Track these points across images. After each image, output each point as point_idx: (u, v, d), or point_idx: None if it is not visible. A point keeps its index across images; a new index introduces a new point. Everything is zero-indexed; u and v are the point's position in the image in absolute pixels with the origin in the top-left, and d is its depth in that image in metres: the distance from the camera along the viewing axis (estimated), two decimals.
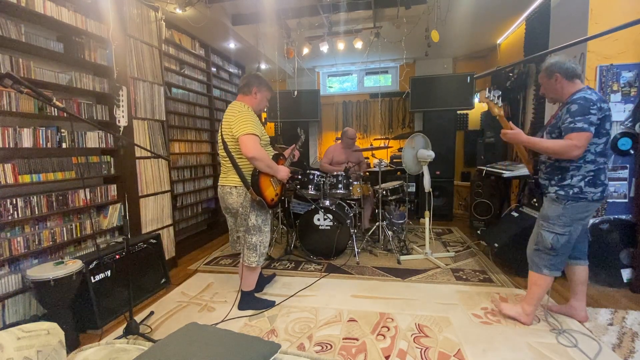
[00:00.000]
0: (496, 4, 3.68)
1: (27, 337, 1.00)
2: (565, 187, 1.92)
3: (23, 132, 2.14)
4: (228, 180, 2.26)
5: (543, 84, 2.04)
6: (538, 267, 2.06)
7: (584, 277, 2.14)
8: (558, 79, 1.94)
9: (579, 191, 1.88)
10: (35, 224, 2.27)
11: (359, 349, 1.92)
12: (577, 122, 1.79)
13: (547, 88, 2.03)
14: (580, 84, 1.95)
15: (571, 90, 1.94)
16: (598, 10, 2.65)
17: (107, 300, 2.32)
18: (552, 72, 1.95)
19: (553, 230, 1.96)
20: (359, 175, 3.90)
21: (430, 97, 4.89)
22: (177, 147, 3.89)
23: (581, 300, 2.16)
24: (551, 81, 1.97)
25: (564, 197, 1.91)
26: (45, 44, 2.35)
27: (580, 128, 1.78)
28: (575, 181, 1.89)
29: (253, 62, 5.37)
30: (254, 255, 2.29)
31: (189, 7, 3.28)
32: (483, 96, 2.12)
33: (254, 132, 2.11)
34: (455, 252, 3.53)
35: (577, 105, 1.82)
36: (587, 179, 1.87)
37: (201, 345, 1.10)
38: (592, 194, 1.87)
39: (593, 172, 1.87)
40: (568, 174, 1.91)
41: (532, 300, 2.11)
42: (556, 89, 1.98)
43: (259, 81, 2.31)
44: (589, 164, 1.87)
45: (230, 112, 2.21)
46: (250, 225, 2.25)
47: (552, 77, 1.96)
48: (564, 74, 1.93)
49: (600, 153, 1.87)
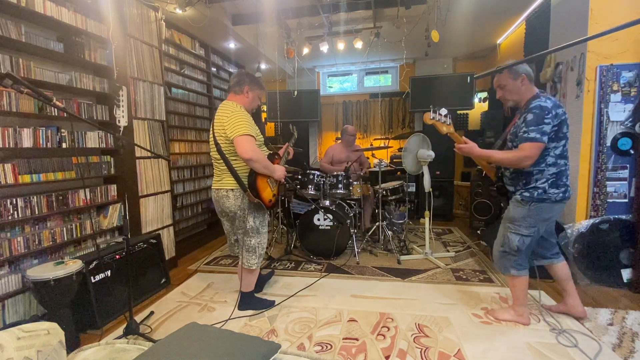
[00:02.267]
0: (496, 4, 3.68)
1: (27, 337, 1.00)
2: (530, 189, 1.96)
3: (23, 132, 2.14)
4: (223, 183, 2.20)
5: (506, 85, 2.02)
6: (505, 268, 2.11)
7: (566, 273, 2.17)
8: (524, 81, 1.98)
9: (542, 192, 1.93)
10: (35, 224, 2.27)
11: (359, 349, 1.92)
12: (530, 132, 1.85)
13: (510, 90, 2.02)
14: (536, 89, 2.00)
15: (530, 94, 1.98)
16: (598, 10, 2.65)
17: (107, 300, 2.32)
18: (518, 73, 1.98)
19: (519, 232, 2.01)
20: (359, 175, 3.90)
21: (430, 97, 4.89)
22: (177, 147, 3.89)
23: (573, 295, 2.18)
24: (517, 82, 1.98)
25: (529, 198, 1.96)
26: (45, 44, 2.35)
27: (533, 138, 1.85)
28: (540, 183, 1.94)
29: (253, 62, 5.37)
30: (253, 258, 2.28)
31: (189, 7, 3.27)
32: (428, 118, 2.15)
33: (249, 132, 2.05)
34: (455, 252, 3.53)
35: (532, 115, 1.87)
36: (550, 181, 1.93)
37: (201, 345, 1.10)
38: (555, 194, 1.93)
39: (555, 174, 1.93)
40: (532, 177, 1.96)
41: (518, 301, 2.15)
42: (520, 90, 2.00)
43: (250, 79, 2.25)
44: (551, 167, 1.93)
45: (223, 112, 2.13)
46: (249, 227, 2.23)
47: (518, 78, 1.98)
48: (528, 76, 1.98)
49: (560, 155, 1.93)
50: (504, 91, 2.06)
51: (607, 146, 2.68)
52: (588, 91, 2.72)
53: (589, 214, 2.76)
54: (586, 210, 2.78)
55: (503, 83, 2.04)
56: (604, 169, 2.69)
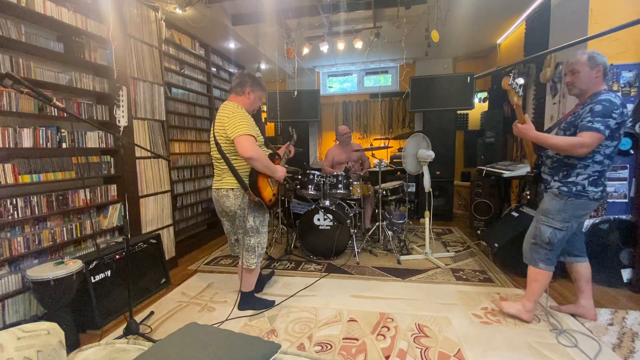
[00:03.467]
0: (496, 4, 3.68)
1: (27, 337, 1.00)
2: (568, 184, 1.93)
3: (23, 132, 2.14)
4: (223, 183, 2.20)
5: (580, 71, 1.93)
6: (535, 261, 2.09)
7: (588, 274, 2.16)
8: (599, 72, 1.90)
9: (581, 189, 1.90)
10: (35, 224, 2.27)
11: (359, 349, 1.92)
12: (595, 123, 1.80)
13: (581, 78, 1.93)
14: (605, 85, 1.94)
15: (598, 88, 1.92)
16: (598, 10, 2.65)
17: (107, 300, 2.32)
18: (597, 63, 1.89)
19: (552, 225, 1.99)
20: (359, 175, 3.90)
21: (430, 97, 4.89)
22: (177, 147, 3.89)
23: (589, 298, 2.17)
24: (592, 72, 1.90)
25: (567, 193, 1.93)
26: (45, 44, 2.35)
27: (597, 129, 1.79)
28: (580, 179, 1.91)
29: (253, 62, 5.37)
30: (252, 257, 2.28)
31: (189, 7, 3.27)
32: (506, 82, 2.01)
33: (249, 132, 2.06)
34: (455, 252, 3.53)
35: (601, 106, 1.81)
36: (591, 179, 1.90)
37: (201, 345, 1.10)
38: (594, 193, 1.90)
39: (598, 172, 1.89)
40: (574, 171, 1.92)
41: (532, 297, 2.13)
42: (592, 81, 1.91)
43: (252, 81, 2.25)
44: (597, 165, 1.89)
45: (223, 112, 2.14)
46: (249, 227, 2.23)
47: (595, 68, 1.89)
48: (605, 69, 1.91)
49: (608, 156, 1.89)
50: (574, 77, 1.96)
51: None
52: None
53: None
54: None
55: (578, 69, 1.94)
56: None
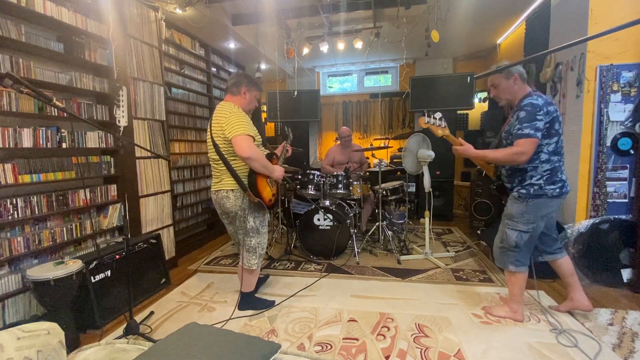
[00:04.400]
0: (496, 4, 3.68)
1: (27, 337, 1.00)
2: (526, 186, 2.00)
3: (23, 132, 2.14)
4: (223, 184, 2.19)
5: (499, 84, 2.08)
6: (504, 263, 2.15)
7: (569, 268, 2.19)
8: (516, 80, 2.03)
9: (538, 188, 1.97)
10: (35, 224, 2.27)
11: (359, 349, 1.92)
12: (524, 129, 1.90)
13: (503, 89, 2.07)
14: (529, 88, 2.04)
15: (523, 93, 2.03)
16: (598, 10, 2.65)
17: (107, 300, 2.32)
18: (511, 73, 2.03)
19: (517, 228, 2.04)
20: (359, 175, 3.90)
21: (430, 97, 4.89)
22: (177, 147, 3.89)
23: (578, 289, 2.19)
24: (509, 82, 2.04)
25: (526, 195, 2.00)
26: (45, 44, 2.35)
27: (527, 134, 1.89)
28: (535, 180, 1.98)
29: (253, 62, 5.37)
30: (253, 258, 2.28)
31: (189, 7, 3.27)
32: (423, 122, 2.17)
33: (247, 132, 2.05)
34: (455, 252, 3.53)
35: (525, 112, 1.92)
36: (545, 177, 1.97)
37: (201, 345, 1.10)
38: (551, 190, 1.96)
39: (549, 170, 1.97)
40: (527, 174, 2.00)
41: (514, 297, 2.18)
42: (513, 90, 2.05)
43: (248, 81, 2.25)
44: (545, 164, 1.96)
45: (220, 113, 2.13)
46: (249, 227, 2.23)
47: (511, 77, 2.04)
48: (521, 76, 2.03)
49: (553, 152, 1.97)
50: (497, 90, 2.11)
51: (607, 146, 2.68)
52: (588, 91, 2.72)
53: (589, 214, 2.76)
54: (586, 210, 2.78)
55: (496, 82, 2.10)
56: (604, 169, 2.69)
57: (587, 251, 2.69)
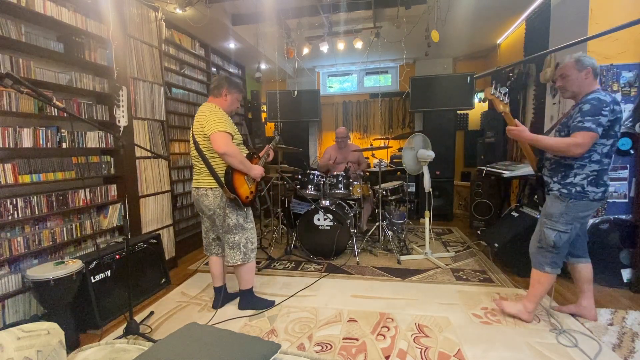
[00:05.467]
0: (496, 4, 3.68)
1: (27, 337, 1.00)
2: (567, 185, 1.93)
3: (23, 132, 2.14)
4: (202, 182, 2.22)
5: (569, 75, 1.95)
6: (541, 265, 2.07)
7: (589, 274, 2.15)
8: (589, 74, 1.91)
9: (581, 190, 1.90)
10: (35, 224, 2.27)
11: (359, 349, 1.92)
12: (586, 122, 1.80)
13: (572, 81, 1.95)
14: (598, 85, 1.95)
15: (591, 88, 1.93)
16: (598, 10, 2.65)
17: (107, 300, 2.32)
18: (584, 65, 1.91)
19: (555, 228, 1.98)
20: (359, 175, 3.90)
21: (430, 97, 4.89)
22: (177, 147, 3.89)
23: (590, 298, 2.17)
24: (581, 74, 1.92)
25: (567, 195, 1.93)
26: (45, 44, 2.35)
27: (588, 128, 1.79)
28: (578, 179, 1.90)
29: (253, 62, 5.37)
30: (237, 254, 2.29)
31: (189, 7, 3.27)
32: (489, 92, 2.05)
33: (225, 130, 2.10)
34: (455, 252, 3.53)
35: (590, 105, 1.82)
36: (590, 178, 1.89)
37: (201, 345, 1.10)
38: (594, 193, 1.89)
39: (597, 172, 1.88)
40: (572, 171, 1.92)
41: (534, 298, 2.13)
42: (582, 83, 1.93)
43: (229, 83, 2.29)
44: (594, 164, 1.88)
45: (202, 112, 2.19)
46: (232, 224, 2.25)
47: (584, 70, 1.91)
48: (594, 70, 1.92)
49: (606, 154, 1.88)
50: (565, 81, 1.98)
51: None
52: None
53: None
54: None
55: (567, 73, 1.96)
56: None
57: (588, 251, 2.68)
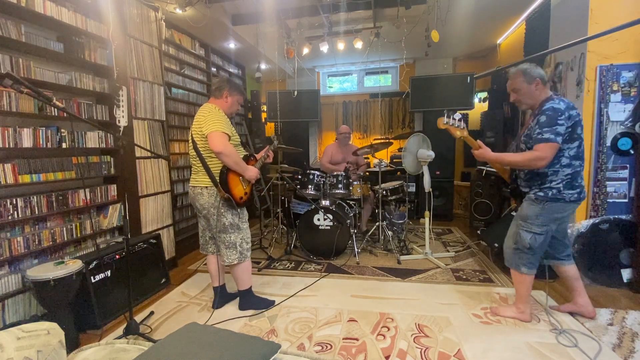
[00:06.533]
0: (496, 4, 3.68)
1: (27, 337, 1.00)
2: (544, 189, 1.97)
3: (23, 132, 2.14)
4: (198, 181, 2.25)
5: (521, 89, 2.02)
6: (517, 265, 2.13)
7: (574, 272, 2.18)
8: (538, 85, 1.98)
9: (557, 192, 1.94)
10: (35, 224, 2.27)
11: (359, 349, 1.92)
12: (545, 133, 1.87)
13: (525, 94, 2.02)
14: (550, 92, 2.00)
15: (544, 97, 1.99)
16: (598, 10, 2.65)
17: (107, 300, 2.32)
18: (533, 77, 1.97)
19: (531, 230, 2.02)
20: (359, 175, 3.90)
21: (430, 97, 4.88)
22: (177, 147, 3.88)
23: (583, 294, 2.18)
24: (531, 86, 1.98)
25: (543, 197, 1.97)
26: (45, 44, 2.35)
27: (547, 139, 1.86)
28: (554, 184, 1.95)
29: (253, 62, 5.37)
30: (233, 253, 2.29)
31: (189, 7, 3.27)
32: (441, 123, 2.16)
33: (223, 130, 2.12)
34: (455, 252, 3.53)
35: (546, 117, 1.88)
36: (565, 182, 1.94)
37: (201, 345, 1.10)
38: (570, 195, 1.94)
39: (570, 175, 1.94)
40: (547, 178, 1.97)
41: (522, 298, 2.17)
42: (534, 94, 2.00)
43: (230, 85, 2.31)
44: (566, 168, 1.94)
45: (201, 112, 2.21)
46: (228, 224, 2.25)
47: (533, 82, 1.97)
48: (542, 80, 1.98)
49: (574, 157, 1.94)
50: (518, 95, 2.05)
51: (607, 146, 2.68)
52: (588, 91, 2.72)
53: (589, 214, 2.76)
54: (586, 210, 2.78)
55: (517, 87, 2.03)
56: (604, 169, 2.69)
57: (587, 251, 2.69)
